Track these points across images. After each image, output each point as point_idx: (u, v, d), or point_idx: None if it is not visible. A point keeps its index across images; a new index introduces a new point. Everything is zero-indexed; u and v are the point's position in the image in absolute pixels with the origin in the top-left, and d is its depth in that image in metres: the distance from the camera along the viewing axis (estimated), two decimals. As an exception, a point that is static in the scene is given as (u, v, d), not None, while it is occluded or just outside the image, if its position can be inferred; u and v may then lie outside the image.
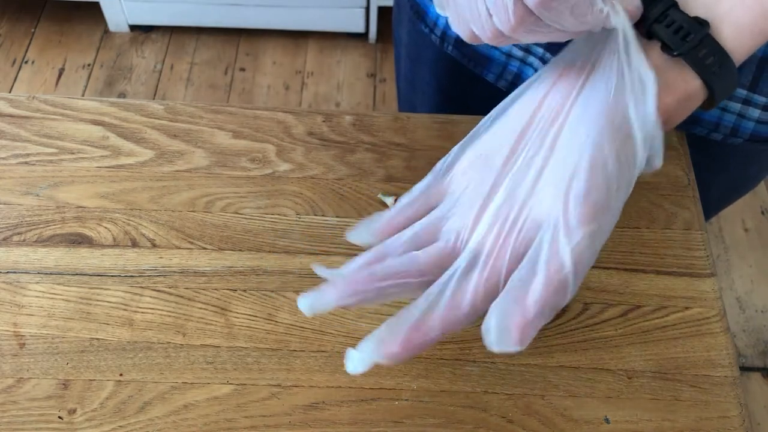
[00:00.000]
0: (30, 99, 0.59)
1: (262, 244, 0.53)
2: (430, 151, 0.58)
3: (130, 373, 0.47)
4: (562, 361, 0.49)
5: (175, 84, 1.77)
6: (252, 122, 0.59)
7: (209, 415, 0.46)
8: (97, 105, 0.59)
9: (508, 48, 0.61)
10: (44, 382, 0.47)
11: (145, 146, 0.57)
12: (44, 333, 0.48)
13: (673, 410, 0.47)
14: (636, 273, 0.53)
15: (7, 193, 0.54)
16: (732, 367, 0.49)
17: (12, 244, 0.52)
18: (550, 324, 0.50)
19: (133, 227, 0.53)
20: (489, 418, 0.46)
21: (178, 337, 0.48)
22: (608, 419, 0.47)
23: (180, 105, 0.59)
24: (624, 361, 0.49)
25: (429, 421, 0.46)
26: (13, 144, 0.56)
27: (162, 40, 1.86)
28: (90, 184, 0.55)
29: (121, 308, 0.49)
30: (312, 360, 0.48)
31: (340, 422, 0.46)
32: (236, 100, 1.75)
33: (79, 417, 0.45)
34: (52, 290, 0.50)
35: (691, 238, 0.54)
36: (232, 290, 0.50)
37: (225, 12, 1.78)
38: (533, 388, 0.48)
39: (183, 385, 0.47)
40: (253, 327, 0.49)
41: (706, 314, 0.51)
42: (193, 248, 0.52)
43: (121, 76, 1.78)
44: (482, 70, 0.64)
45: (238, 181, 0.55)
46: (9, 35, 1.85)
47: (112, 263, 0.51)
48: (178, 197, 0.54)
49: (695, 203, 0.56)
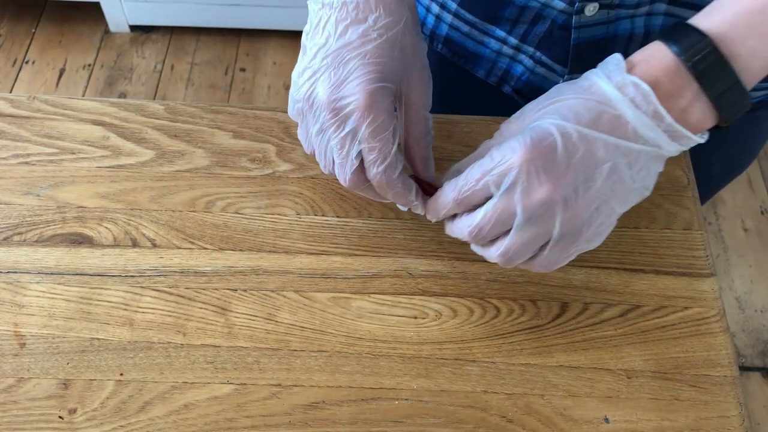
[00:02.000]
0: (30, 99, 0.59)
1: (262, 244, 0.53)
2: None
3: (130, 372, 0.47)
4: (562, 360, 0.49)
5: (175, 84, 1.77)
6: (252, 122, 0.59)
7: (209, 415, 0.46)
8: (98, 105, 0.59)
9: (498, 46, 0.62)
10: (45, 382, 0.47)
11: (146, 146, 0.57)
12: (45, 333, 0.48)
13: (673, 410, 0.47)
14: (636, 273, 0.53)
15: (8, 193, 0.54)
16: (731, 366, 0.49)
17: (12, 244, 0.52)
18: (550, 324, 0.50)
19: (133, 227, 0.53)
20: (489, 417, 0.46)
21: (178, 337, 0.48)
22: (608, 419, 0.47)
23: (180, 105, 0.59)
24: (624, 360, 0.49)
25: (429, 420, 0.46)
26: (13, 144, 0.56)
27: (162, 40, 1.86)
28: (90, 184, 0.55)
29: (122, 308, 0.49)
30: (312, 360, 0.48)
31: (340, 422, 0.46)
32: (236, 100, 1.75)
33: (80, 417, 0.45)
34: (53, 290, 0.50)
35: (690, 238, 0.54)
36: (232, 290, 0.51)
37: (225, 12, 1.78)
38: (533, 388, 0.48)
39: (183, 384, 0.47)
40: (253, 327, 0.49)
41: (705, 314, 0.51)
42: (193, 248, 0.52)
43: (121, 76, 1.78)
44: (472, 66, 0.65)
45: (239, 181, 0.56)
46: (9, 35, 1.85)
47: (112, 263, 0.51)
48: (178, 197, 0.54)
49: (695, 203, 0.56)
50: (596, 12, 0.55)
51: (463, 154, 0.57)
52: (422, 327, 0.50)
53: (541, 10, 0.57)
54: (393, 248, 0.53)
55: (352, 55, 0.44)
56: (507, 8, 0.59)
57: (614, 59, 0.42)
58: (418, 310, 0.50)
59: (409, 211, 0.53)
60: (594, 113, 0.41)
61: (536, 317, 0.50)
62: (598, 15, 0.55)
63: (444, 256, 0.53)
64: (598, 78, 0.42)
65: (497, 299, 0.51)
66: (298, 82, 0.46)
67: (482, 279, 0.52)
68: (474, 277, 0.52)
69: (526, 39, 0.60)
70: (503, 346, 0.49)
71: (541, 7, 0.57)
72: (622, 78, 0.41)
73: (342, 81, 0.44)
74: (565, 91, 0.43)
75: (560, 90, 0.43)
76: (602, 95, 0.41)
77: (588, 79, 0.43)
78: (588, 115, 0.41)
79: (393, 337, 0.49)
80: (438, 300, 0.51)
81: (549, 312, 0.51)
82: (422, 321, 0.50)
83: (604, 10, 0.55)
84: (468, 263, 0.52)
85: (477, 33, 0.62)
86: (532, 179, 0.40)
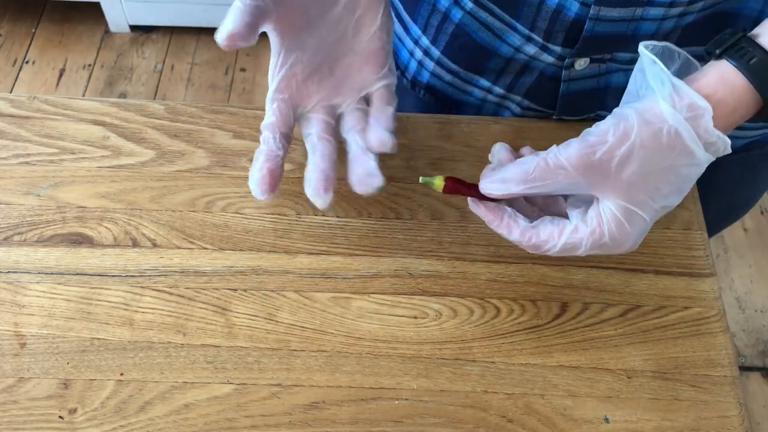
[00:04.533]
0: (31, 99, 0.59)
1: (262, 244, 0.53)
2: (429, 151, 0.58)
3: (130, 372, 0.47)
4: (562, 360, 0.49)
5: (175, 84, 1.77)
6: (252, 122, 0.59)
7: (209, 415, 0.46)
8: (98, 105, 0.59)
9: (483, 95, 0.61)
10: (45, 382, 0.47)
11: (146, 146, 0.57)
12: (45, 333, 0.48)
13: (673, 410, 0.47)
14: (636, 273, 0.53)
15: (8, 193, 0.54)
16: (731, 366, 0.49)
17: (13, 244, 0.52)
18: (550, 324, 0.50)
19: (133, 227, 0.53)
20: (489, 417, 0.46)
21: (178, 337, 0.48)
22: (608, 419, 0.47)
23: (180, 105, 0.59)
24: (623, 360, 0.49)
25: (429, 420, 0.46)
26: (14, 144, 0.56)
27: (162, 40, 1.86)
28: (91, 184, 0.55)
29: (122, 308, 0.49)
30: (312, 360, 0.48)
31: (340, 422, 0.46)
32: (236, 100, 1.75)
33: (80, 416, 0.45)
34: (53, 290, 0.50)
35: (690, 238, 0.54)
36: (232, 290, 0.51)
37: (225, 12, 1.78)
38: (533, 388, 0.48)
39: (183, 384, 0.47)
40: (253, 327, 0.49)
41: (705, 314, 0.51)
42: (193, 248, 0.52)
43: (121, 76, 1.78)
44: (457, 111, 0.64)
45: (239, 181, 0.56)
46: (10, 35, 1.85)
47: (112, 263, 0.51)
48: (178, 197, 0.55)
49: (695, 203, 0.56)
50: (587, 66, 0.54)
51: (464, 154, 0.58)
52: (422, 327, 0.50)
53: (528, 62, 0.56)
54: (393, 248, 0.53)
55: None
56: (492, 59, 0.57)
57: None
58: (418, 310, 0.50)
59: (409, 211, 0.53)
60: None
61: (536, 317, 0.50)
62: (588, 69, 0.55)
63: (444, 256, 0.53)
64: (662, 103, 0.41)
65: (497, 299, 0.51)
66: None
67: (482, 279, 0.52)
68: (474, 277, 0.52)
69: (512, 89, 0.59)
70: (503, 346, 0.49)
71: (528, 59, 0.56)
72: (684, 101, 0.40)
73: None
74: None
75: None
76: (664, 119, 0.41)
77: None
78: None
79: (393, 337, 0.49)
80: (438, 300, 0.51)
81: (549, 312, 0.51)
82: (422, 321, 0.50)
83: (595, 64, 0.54)
84: (468, 263, 0.52)
85: (460, 82, 0.61)
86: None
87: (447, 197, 0.55)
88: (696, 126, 0.40)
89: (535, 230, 0.44)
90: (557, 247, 0.44)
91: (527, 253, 0.53)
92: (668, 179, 0.41)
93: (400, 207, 0.55)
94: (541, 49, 0.54)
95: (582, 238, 0.43)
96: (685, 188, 0.43)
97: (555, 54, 0.54)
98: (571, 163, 0.41)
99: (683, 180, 0.42)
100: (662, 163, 0.40)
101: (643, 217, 0.42)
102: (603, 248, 0.44)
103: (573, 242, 0.43)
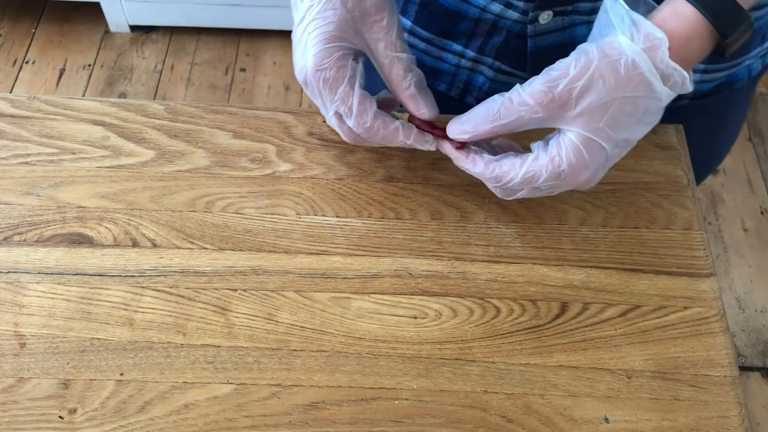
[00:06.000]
0: (31, 99, 0.59)
1: (262, 244, 0.53)
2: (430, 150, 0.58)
3: (130, 372, 0.47)
4: (562, 360, 0.49)
5: (175, 84, 1.77)
6: (252, 122, 0.59)
7: (209, 415, 0.46)
8: (98, 105, 0.59)
9: (456, 60, 0.62)
10: (45, 382, 0.47)
11: (146, 146, 0.57)
12: (45, 333, 0.48)
13: (673, 410, 0.47)
14: (636, 273, 0.53)
15: (8, 193, 0.54)
16: (731, 366, 0.49)
17: (13, 244, 0.52)
18: (550, 324, 0.50)
19: (133, 227, 0.53)
20: (489, 417, 0.46)
21: (178, 337, 0.48)
22: (608, 419, 0.47)
23: (180, 105, 0.59)
24: (623, 360, 0.49)
25: (429, 420, 0.46)
26: (13, 144, 0.56)
27: (162, 40, 1.86)
28: (91, 184, 0.55)
29: (122, 308, 0.49)
30: (312, 360, 0.48)
31: (340, 422, 0.46)
32: (236, 100, 1.75)
33: (80, 416, 0.45)
34: (53, 290, 0.50)
35: (690, 238, 0.54)
36: (232, 290, 0.51)
37: (225, 12, 1.78)
38: (533, 388, 0.48)
39: (183, 384, 0.47)
40: (253, 327, 0.49)
41: (705, 314, 0.51)
42: (193, 248, 0.52)
43: (121, 76, 1.78)
44: (433, 81, 0.65)
45: (239, 181, 0.56)
46: (10, 35, 1.85)
47: (112, 263, 0.51)
48: (178, 197, 0.55)
49: (695, 203, 0.56)
50: (551, 20, 0.55)
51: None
52: (422, 327, 0.50)
53: (495, 22, 0.57)
54: (393, 248, 0.53)
55: (312, 25, 0.47)
56: (461, 23, 0.59)
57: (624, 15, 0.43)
58: (418, 310, 0.50)
59: (409, 211, 0.53)
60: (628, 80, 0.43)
61: (536, 317, 0.50)
62: (552, 23, 0.56)
63: (444, 256, 0.53)
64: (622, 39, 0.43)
65: (497, 299, 0.51)
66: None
67: (482, 279, 0.52)
68: (474, 277, 0.52)
69: (483, 51, 0.60)
70: (503, 346, 0.49)
71: (495, 18, 0.57)
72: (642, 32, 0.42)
73: (303, 51, 0.47)
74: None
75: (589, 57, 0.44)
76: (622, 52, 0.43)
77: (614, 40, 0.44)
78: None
79: (393, 337, 0.49)
80: (438, 300, 0.51)
81: (549, 312, 0.51)
82: (422, 321, 0.50)
83: (558, 17, 0.55)
84: (468, 263, 0.52)
85: (434, 49, 0.62)
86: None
87: (447, 197, 0.55)
88: (653, 57, 0.42)
89: (498, 163, 0.48)
90: (518, 177, 0.46)
91: (527, 253, 0.53)
92: (626, 110, 0.43)
93: (400, 207, 0.55)
94: (506, 6, 0.55)
95: (542, 165, 0.45)
96: (647, 121, 0.45)
97: (519, 9, 0.55)
98: (535, 98, 0.44)
99: (643, 112, 0.44)
100: (620, 93, 0.43)
101: (601, 145, 0.44)
102: (562, 178, 0.46)
103: (533, 171, 0.46)
